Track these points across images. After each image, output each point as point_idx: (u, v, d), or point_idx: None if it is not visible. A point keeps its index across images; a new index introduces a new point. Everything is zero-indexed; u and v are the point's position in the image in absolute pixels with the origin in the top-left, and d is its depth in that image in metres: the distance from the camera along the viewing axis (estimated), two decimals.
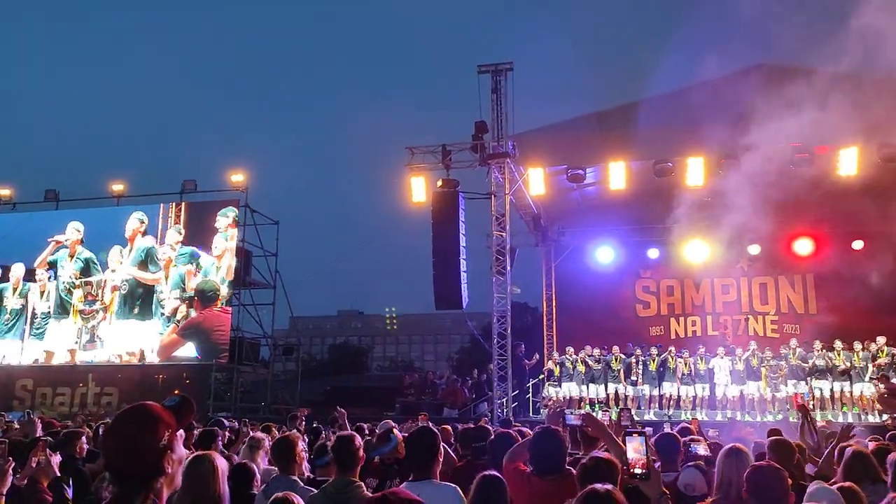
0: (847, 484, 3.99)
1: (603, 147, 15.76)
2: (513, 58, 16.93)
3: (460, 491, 3.82)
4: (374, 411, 16.36)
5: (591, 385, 17.58)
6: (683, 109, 15.09)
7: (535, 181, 16.68)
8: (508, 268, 16.73)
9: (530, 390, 18.80)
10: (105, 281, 21.67)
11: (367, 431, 7.82)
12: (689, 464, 4.74)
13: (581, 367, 17.61)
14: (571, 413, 5.49)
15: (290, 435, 4.93)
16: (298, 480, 4.44)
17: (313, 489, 4.16)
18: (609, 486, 2.66)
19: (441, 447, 4.15)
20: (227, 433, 8.70)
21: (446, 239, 16.46)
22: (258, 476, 4.64)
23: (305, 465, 5.19)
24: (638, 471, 2.83)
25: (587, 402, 17.29)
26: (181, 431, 1.91)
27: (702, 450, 5.22)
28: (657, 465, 5.02)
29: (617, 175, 15.92)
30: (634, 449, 2.86)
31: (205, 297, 20.52)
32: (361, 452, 4.21)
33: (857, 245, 19.15)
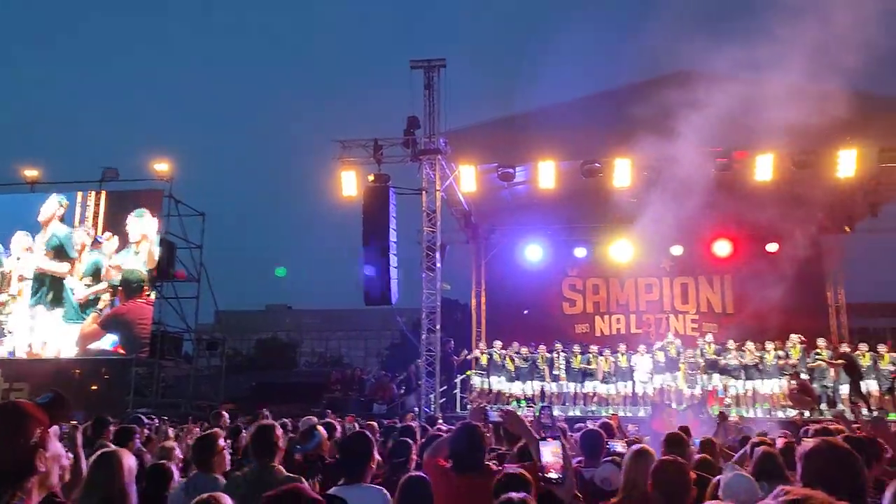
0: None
1: (533, 146, 15.94)
2: (447, 54, 16.99)
3: (387, 492, 3.87)
4: (300, 408, 16.16)
5: (517, 381, 17.78)
6: (611, 111, 15.43)
7: (467, 178, 16.76)
8: (438, 264, 16.77)
9: (458, 386, 18.90)
10: (11, 271, 20.66)
11: (290, 427, 7.71)
12: (606, 459, 4.84)
13: (509, 364, 17.80)
14: (494, 409, 5.54)
15: (213, 432, 4.82)
16: (220, 478, 4.34)
17: None
18: (524, 495, 2.69)
19: (375, 453, 4.20)
20: (145, 430, 8.45)
21: (376, 234, 16.39)
22: (176, 477, 4.51)
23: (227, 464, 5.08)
24: (553, 475, 2.86)
25: (514, 398, 17.50)
26: (55, 428, 1.87)
27: (619, 446, 5.34)
28: (578, 460, 5.13)
29: (546, 174, 16.13)
30: (552, 453, 2.89)
31: (130, 286, 19.82)
32: (281, 443, 4.20)
33: (772, 248, 19.97)
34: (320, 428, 5.75)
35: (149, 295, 19.85)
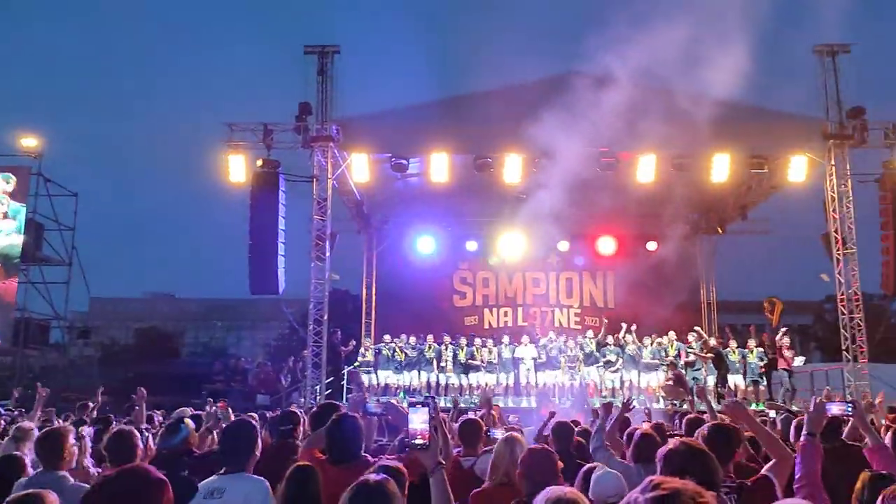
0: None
1: (427, 138, 15.95)
2: (341, 41, 16.71)
3: (268, 484, 3.74)
4: (181, 399, 15.55)
5: (405, 371, 17.79)
6: (504, 107, 15.64)
7: (359, 167, 16.57)
8: (328, 254, 16.52)
9: (345, 378, 18.72)
10: None
11: (157, 420, 7.38)
12: (486, 449, 4.89)
13: (399, 355, 17.78)
14: (373, 401, 5.50)
15: (59, 428, 4.53)
16: (68, 476, 4.07)
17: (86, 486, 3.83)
18: (382, 477, 2.68)
19: (258, 441, 4.05)
20: (2, 422, 7.91)
21: (264, 221, 15.97)
22: (28, 468, 4.21)
23: (89, 460, 4.79)
24: (419, 441, 2.87)
25: (401, 389, 17.50)
26: None
27: (499, 435, 5.40)
28: (458, 450, 5.16)
29: (439, 167, 16.18)
30: (419, 420, 2.90)
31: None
32: (138, 444, 4.00)
33: (652, 246, 20.92)
34: (188, 421, 5.52)
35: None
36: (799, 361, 18.09)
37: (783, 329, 17.83)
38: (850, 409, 3.74)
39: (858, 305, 16.57)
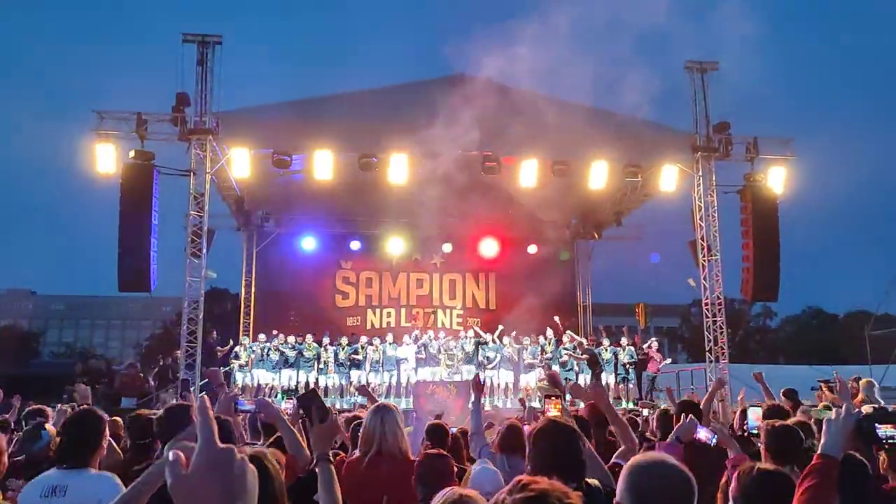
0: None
1: (310, 135, 15.64)
2: (224, 31, 16.12)
3: (119, 480, 3.40)
4: (40, 403, 14.48)
5: (283, 370, 17.43)
6: (391, 106, 15.61)
7: (239, 162, 16.03)
8: (204, 250, 15.90)
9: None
10: None
11: (12, 426, 6.82)
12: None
13: (274, 354, 17.39)
14: (245, 400, 5.29)
15: None
16: None
17: None
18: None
19: (105, 433, 3.73)
20: None
21: (136, 215, 15.13)
22: None
23: None
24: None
25: (277, 390, 17.11)
26: None
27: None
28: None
29: (323, 165, 15.89)
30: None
31: None
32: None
33: (532, 249, 21.47)
34: (49, 426, 5.11)
35: None
36: (666, 362, 19.03)
37: (653, 339, 18.70)
38: (714, 439, 3.97)
39: (721, 309, 17.59)
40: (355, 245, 21.18)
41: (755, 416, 4.91)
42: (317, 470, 2.74)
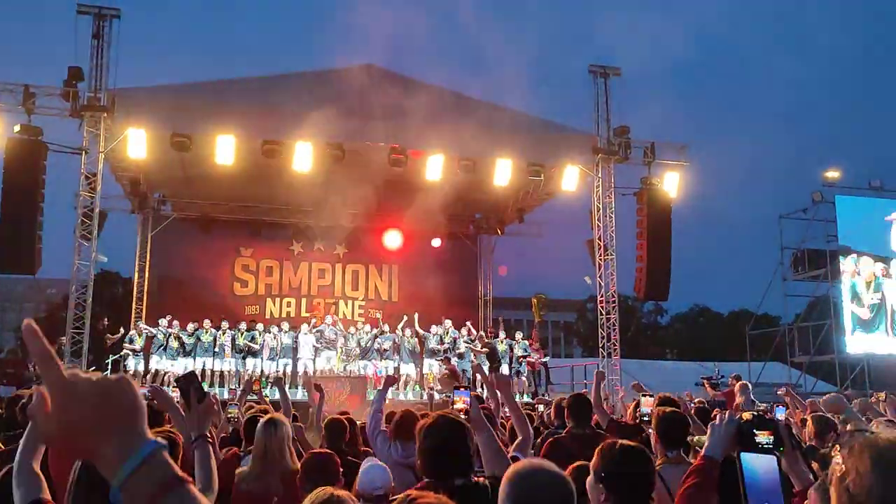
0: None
1: (213, 118, 15.18)
2: (123, 5, 15.43)
3: None
4: None
5: (180, 359, 16.92)
6: (297, 93, 15.35)
7: (136, 143, 15.37)
8: (95, 233, 15.21)
9: (110, 367, 17.36)
10: None
11: None
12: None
13: (173, 342, 16.86)
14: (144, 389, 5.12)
15: None
16: None
17: None
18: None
19: None
20: None
21: (21, 193, 14.29)
22: None
23: None
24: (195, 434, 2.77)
25: (173, 376, 16.59)
26: None
27: None
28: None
29: (225, 149, 15.46)
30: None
31: None
32: None
33: (436, 243, 21.62)
34: None
35: None
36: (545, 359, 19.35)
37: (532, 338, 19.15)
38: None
39: (615, 306, 18.28)
40: (256, 232, 20.73)
41: (647, 404, 5.23)
42: (194, 449, 2.77)
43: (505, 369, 17.71)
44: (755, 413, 2.22)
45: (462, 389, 3.66)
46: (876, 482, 1.26)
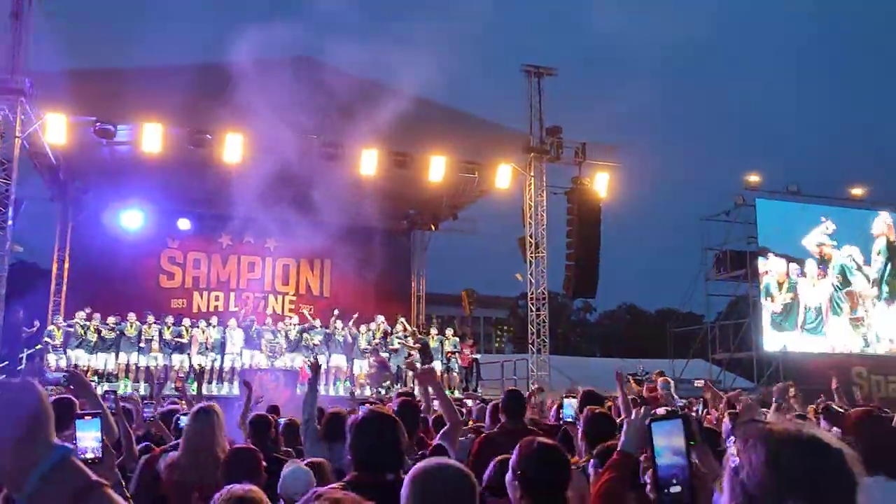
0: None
1: (139, 105, 14.71)
2: None
3: None
4: None
5: (100, 354, 16.38)
6: (229, 82, 15.00)
7: (56, 128, 14.76)
8: (10, 222, 14.55)
9: (24, 361, 16.65)
10: None
11: None
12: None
13: (92, 335, 16.29)
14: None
15: None
16: None
17: None
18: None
19: None
20: None
21: None
22: None
23: None
24: (90, 455, 2.56)
25: (92, 371, 16.04)
26: None
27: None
28: (145, 444, 4.84)
29: (151, 138, 15.01)
30: (90, 436, 2.57)
31: None
32: None
33: (369, 238, 21.46)
34: None
35: None
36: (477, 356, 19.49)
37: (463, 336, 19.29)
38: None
39: (545, 303, 18.57)
40: (184, 224, 20.15)
41: (570, 405, 5.27)
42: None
43: (438, 365, 17.77)
44: (668, 409, 2.29)
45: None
46: (769, 477, 1.24)
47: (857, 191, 25.49)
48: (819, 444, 1.27)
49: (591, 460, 3.22)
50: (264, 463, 3.78)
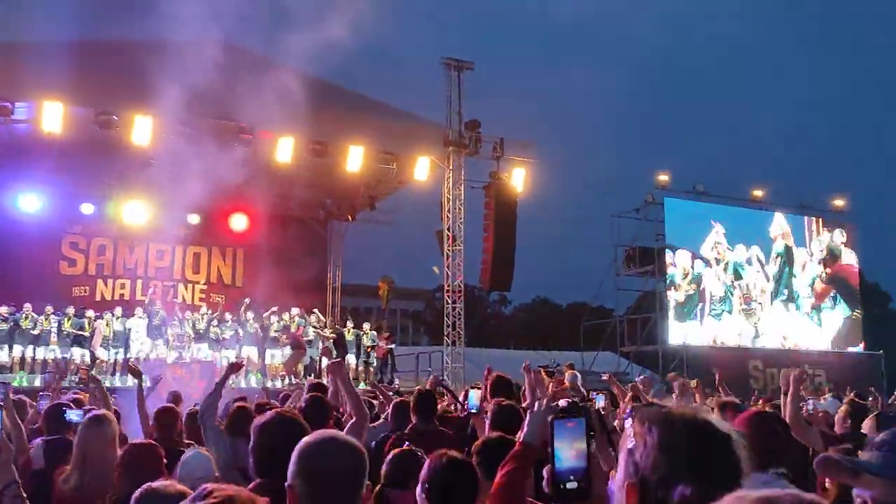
0: None
1: (39, 82, 13.93)
2: None
3: None
4: None
5: None
6: (137, 62, 14.40)
7: None
8: None
9: None
10: None
11: None
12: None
13: None
14: None
15: None
16: None
17: None
18: None
19: None
20: None
21: None
22: None
23: None
24: None
25: None
26: None
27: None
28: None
29: (52, 117, 14.24)
30: None
31: None
32: None
33: (285, 227, 21.13)
34: None
35: None
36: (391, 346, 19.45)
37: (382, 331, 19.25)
38: None
39: (461, 296, 18.70)
40: (88, 209, 19.22)
41: (475, 396, 5.33)
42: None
43: (352, 359, 17.67)
44: (570, 401, 2.33)
45: None
46: (661, 460, 1.25)
47: (758, 192, 26.76)
48: (711, 430, 1.29)
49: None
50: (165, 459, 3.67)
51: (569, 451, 1.58)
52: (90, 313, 16.58)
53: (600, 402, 5.58)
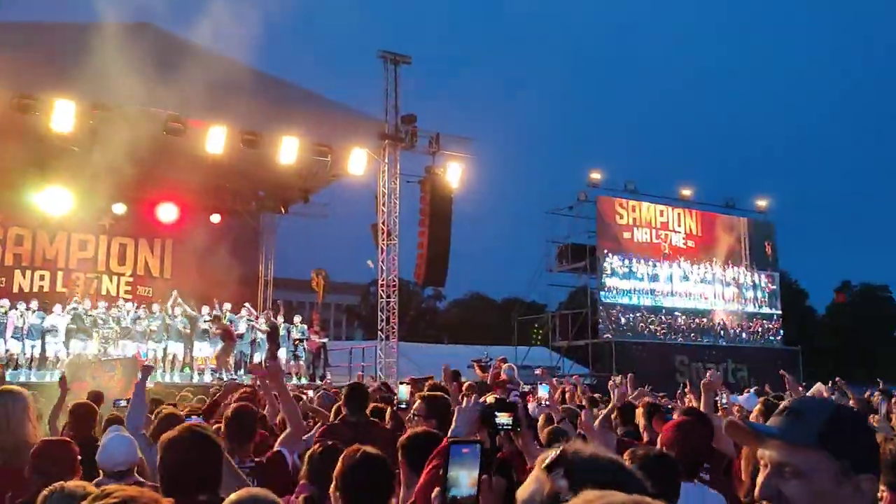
0: None
1: None
2: None
3: None
4: None
5: None
6: (58, 45, 13.86)
7: None
8: None
9: None
10: None
11: None
12: None
13: None
14: None
15: None
16: None
17: None
18: None
19: None
20: None
21: None
22: None
23: None
24: None
25: None
26: None
27: None
28: None
29: None
30: None
31: None
32: None
33: (215, 219, 20.66)
34: None
35: None
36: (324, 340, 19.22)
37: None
38: None
39: (395, 290, 18.64)
40: (4, 196, 18.38)
41: (406, 390, 5.36)
42: None
43: (283, 353, 17.39)
44: (497, 397, 2.33)
45: None
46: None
47: (686, 191, 27.55)
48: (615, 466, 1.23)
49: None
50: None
51: (464, 479, 1.56)
52: (5, 303, 15.83)
53: (544, 392, 5.71)
